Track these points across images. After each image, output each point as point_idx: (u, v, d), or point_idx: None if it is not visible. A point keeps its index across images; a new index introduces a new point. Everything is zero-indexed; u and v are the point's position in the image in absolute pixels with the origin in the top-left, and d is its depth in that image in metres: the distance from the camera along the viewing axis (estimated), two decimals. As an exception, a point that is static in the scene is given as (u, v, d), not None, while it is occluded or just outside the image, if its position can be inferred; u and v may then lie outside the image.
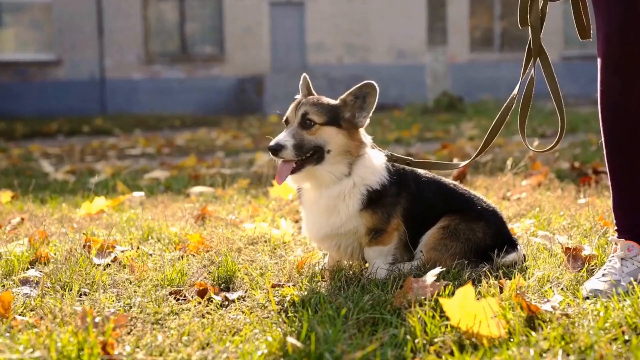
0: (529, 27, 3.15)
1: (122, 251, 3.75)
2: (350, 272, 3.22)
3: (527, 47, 3.19)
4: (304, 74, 3.30)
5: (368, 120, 3.14)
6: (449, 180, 3.43)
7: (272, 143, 3.01)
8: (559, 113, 3.17)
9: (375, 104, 3.12)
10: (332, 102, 3.15)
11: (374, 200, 3.10)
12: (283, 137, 3.03)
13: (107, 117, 17.90)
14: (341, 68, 21.72)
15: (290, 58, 21.70)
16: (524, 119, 3.25)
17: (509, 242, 3.28)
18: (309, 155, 3.05)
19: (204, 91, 20.58)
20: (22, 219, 4.71)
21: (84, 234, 4.05)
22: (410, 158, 3.31)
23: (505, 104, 3.24)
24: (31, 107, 18.92)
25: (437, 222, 3.21)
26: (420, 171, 3.35)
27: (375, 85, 3.09)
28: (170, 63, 20.42)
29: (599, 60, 2.98)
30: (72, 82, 19.46)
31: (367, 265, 3.24)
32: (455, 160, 6.27)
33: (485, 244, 3.21)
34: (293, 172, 3.05)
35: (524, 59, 3.20)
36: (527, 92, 3.19)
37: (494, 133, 3.26)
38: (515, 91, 3.21)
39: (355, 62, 22.30)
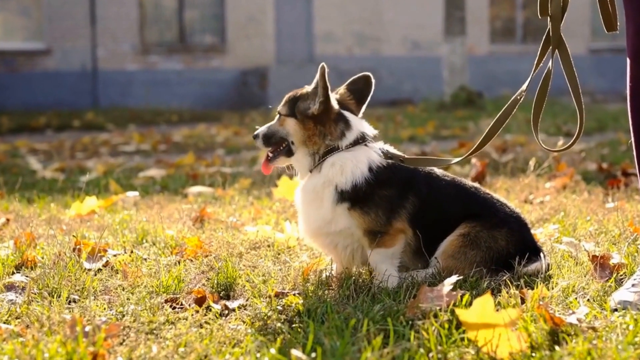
0: (549, 17, 3.14)
1: (115, 255, 3.75)
2: (360, 280, 3.22)
3: (544, 37, 3.18)
4: (367, 74, 3.36)
5: (317, 106, 3.18)
6: (470, 183, 3.42)
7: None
8: (578, 110, 3.15)
9: (325, 87, 3.16)
10: (302, 91, 3.31)
11: (358, 199, 3.15)
12: (262, 126, 3.33)
13: (99, 111, 17.93)
14: (351, 60, 21.70)
15: (296, 49, 21.70)
16: (538, 115, 3.24)
17: (532, 250, 3.28)
18: (283, 147, 3.27)
19: (203, 84, 20.59)
20: (8, 220, 4.72)
21: (73, 236, 4.05)
22: (402, 155, 3.30)
23: (512, 98, 3.22)
24: (18, 99, 18.95)
25: (456, 229, 3.20)
26: (439, 173, 3.35)
27: (322, 65, 3.14)
28: (167, 53, 20.44)
29: (628, 53, 2.97)
30: (62, 73, 19.50)
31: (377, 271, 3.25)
32: (473, 160, 6.26)
33: (507, 252, 3.20)
34: (268, 161, 3.30)
35: (539, 50, 3.18)
36: (543, 86, 3.19)
37: (495, 128, 3.23)
38: (525, 86, 3.21)
39: (367, 53, 22.28)
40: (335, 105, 3.24)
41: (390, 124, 13.71)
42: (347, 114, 3.27)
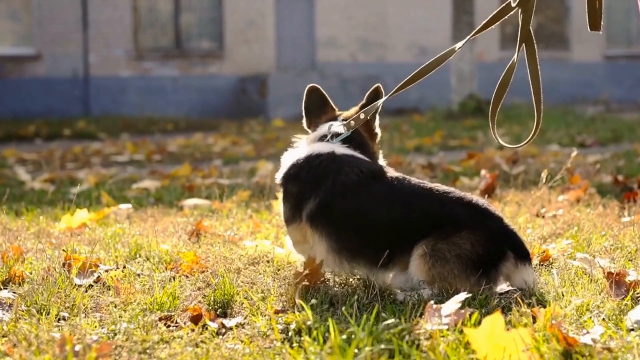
0: (520, 11, 3.22)
1: (107, 271, 3.75)
2: (365, 297, 3.22)
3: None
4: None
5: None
6: (430, 184, 3.38)
7: None
8: (537, 111, 3.22)
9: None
10: None
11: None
12: None
13: (91, 120, 17.97)
14: (355, 67, 21.74)
15: (298, 55, 21.75)
16: (496, 107, 3.31)
17: (515, 248, 3.23)
18: None
19: (200, 91, 20.63)
20: (-5, 233, 4.72)
21: (63, 250, 4.05)
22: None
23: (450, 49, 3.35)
24: (6, 106, 18.98)
25: (414, 251, 3.20)
26: (393, 176, 3.39)
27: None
28: (162, 59, 20.49)
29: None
30: (53, 79, 19.54)
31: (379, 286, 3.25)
32: (482, 172, 6.26)
33: (478, 253, 3.16)
34: None
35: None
36: (505, 78, 3.27)
37: (423, 73, 3.36)
38: (460, 44, 3.33)
39: (371, 60, 22.32)
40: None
41: (396, 134, 13.72)
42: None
